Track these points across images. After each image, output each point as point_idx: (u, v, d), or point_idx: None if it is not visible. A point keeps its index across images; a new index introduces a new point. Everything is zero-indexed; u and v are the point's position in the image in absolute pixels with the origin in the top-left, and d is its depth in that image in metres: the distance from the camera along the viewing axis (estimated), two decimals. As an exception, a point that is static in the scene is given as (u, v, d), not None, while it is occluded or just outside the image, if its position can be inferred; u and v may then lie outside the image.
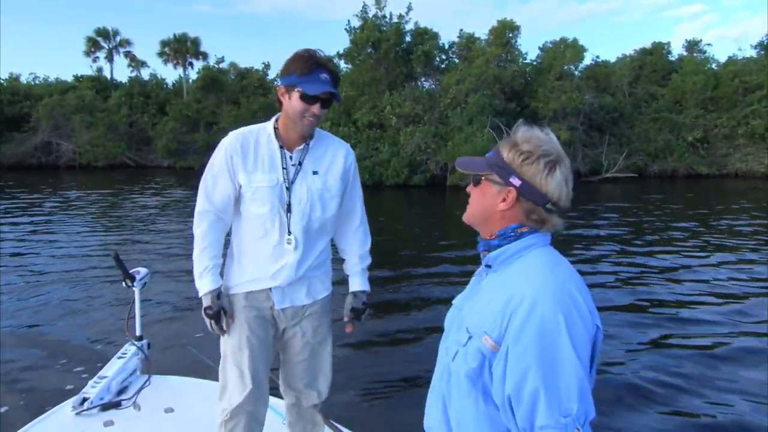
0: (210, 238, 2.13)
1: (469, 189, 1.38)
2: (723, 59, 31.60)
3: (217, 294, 2.11)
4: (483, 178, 1.33)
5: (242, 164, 2.06)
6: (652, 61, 31.35)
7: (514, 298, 1.17)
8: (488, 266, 1.34)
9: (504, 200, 1.29)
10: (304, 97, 1.97)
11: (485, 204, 1.33)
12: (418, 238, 11.59)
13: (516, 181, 1.26)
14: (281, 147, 2.09)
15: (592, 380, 1.19)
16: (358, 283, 2.33)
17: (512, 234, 1.30)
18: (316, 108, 1.99)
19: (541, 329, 1.12)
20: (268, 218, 2.07)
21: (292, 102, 2.00)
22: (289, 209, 2.07)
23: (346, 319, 2.29)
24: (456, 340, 1.29)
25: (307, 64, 1.96)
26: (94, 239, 11.18)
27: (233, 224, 2.20)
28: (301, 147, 2.11)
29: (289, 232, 2.08)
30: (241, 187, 2.08)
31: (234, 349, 2.14)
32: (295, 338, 2.25)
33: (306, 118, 2.00)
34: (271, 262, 2.11)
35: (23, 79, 39.22)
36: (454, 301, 1.47)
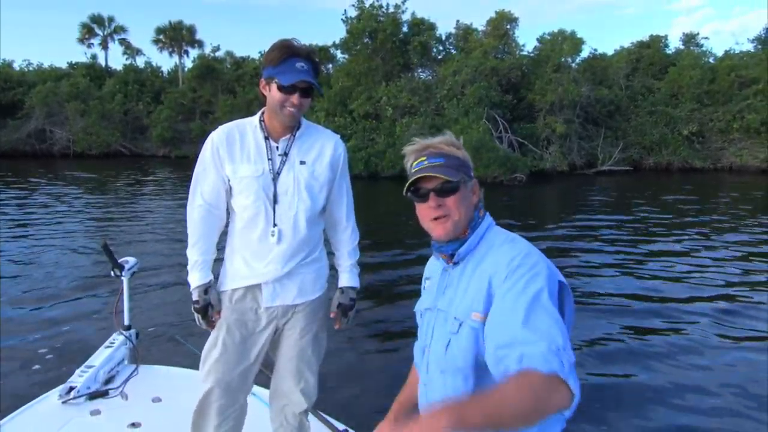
0: (200, 232, 2.11)
1: (440, 201, 1.31)
2: (720, 53, 31.56)
3: (205, 289, 2.09)
4: (461, 182, 1.33)
5: (228, 156, 2.04)
6: (649, 54, 31.25)
7: (495, 273, 1.24)
8: (455, 263, 1.36)
9: (474, 193, 1.38)
10: (281, 88, 1.95)
11: (468, 204, 1.35)
12: (414, 228, 11.58)
13: (472, 172, 1.38)
14: (266, 138, 2.07)
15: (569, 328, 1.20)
16: (346, 278, 2.27)
17: (479, 219, 1.37)
18: (295, 98, 1.96)
19: (525, 277, 1.17)
20: (253, 209, 2.04)
21: (272, 93, 1.98)
22: (275, 200, 2.04)
23: (332, 315, 2.25)
24: (446, 331, 1.30)
25: (282, 54, 1.93)
26: (83, 228, 11.14)
27: (229, 221, 2.17)
28: (287, 137, 2.08)
29: (275, 224, 2.05)
30: (229, 179, 2.06)
31: (210, 345, 2.16)
32: (283, 336, 2.22)
33: (286, 108, 1.98)
34: (257, 256, 2.07)
35: (16, 66, 38.91)
36: (417, 309, 1.51)
